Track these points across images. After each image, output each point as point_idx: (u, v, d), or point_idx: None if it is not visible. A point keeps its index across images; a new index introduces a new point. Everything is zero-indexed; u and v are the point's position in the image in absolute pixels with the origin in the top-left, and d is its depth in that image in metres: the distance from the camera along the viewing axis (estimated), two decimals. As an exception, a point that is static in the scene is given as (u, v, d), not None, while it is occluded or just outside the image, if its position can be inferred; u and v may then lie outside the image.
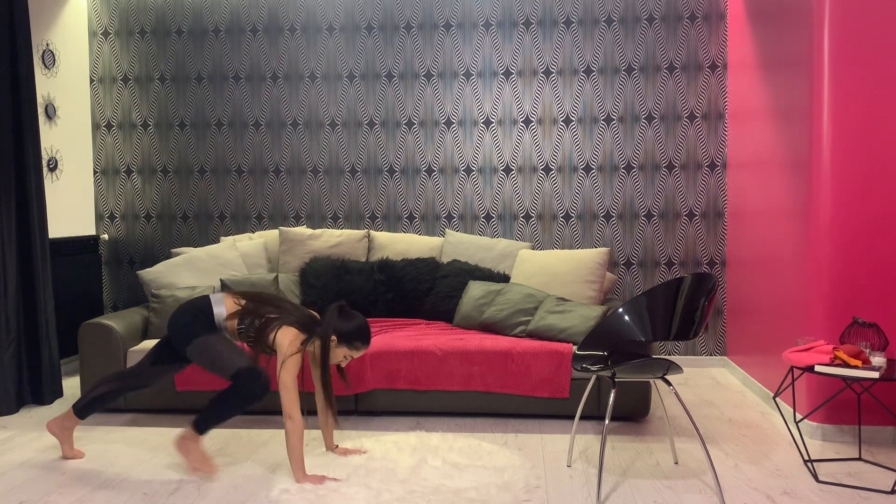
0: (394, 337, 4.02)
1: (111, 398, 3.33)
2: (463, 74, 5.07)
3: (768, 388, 4.15)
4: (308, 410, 3.96)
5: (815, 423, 3.55)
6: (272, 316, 3.16)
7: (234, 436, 3.66)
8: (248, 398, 3.06)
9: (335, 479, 2.99)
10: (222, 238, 4.80)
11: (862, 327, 3.26)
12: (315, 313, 3.26)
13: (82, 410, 3.33)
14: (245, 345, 3.27)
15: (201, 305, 3.22)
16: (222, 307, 3.21)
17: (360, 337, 3.16)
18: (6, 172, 4.09)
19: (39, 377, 4.21)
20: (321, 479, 2.98)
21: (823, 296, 3.52)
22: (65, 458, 3.35)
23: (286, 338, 3.07)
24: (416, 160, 5.13)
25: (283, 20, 5.16)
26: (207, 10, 5.20)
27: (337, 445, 3.38)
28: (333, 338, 3.12)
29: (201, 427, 3.08)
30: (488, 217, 5.10)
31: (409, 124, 5.12)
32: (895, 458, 3.30)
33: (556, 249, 5.06)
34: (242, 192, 5.25)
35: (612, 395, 2.89)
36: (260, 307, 3.21)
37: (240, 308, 3.21)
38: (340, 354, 3.16)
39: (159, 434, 3.70)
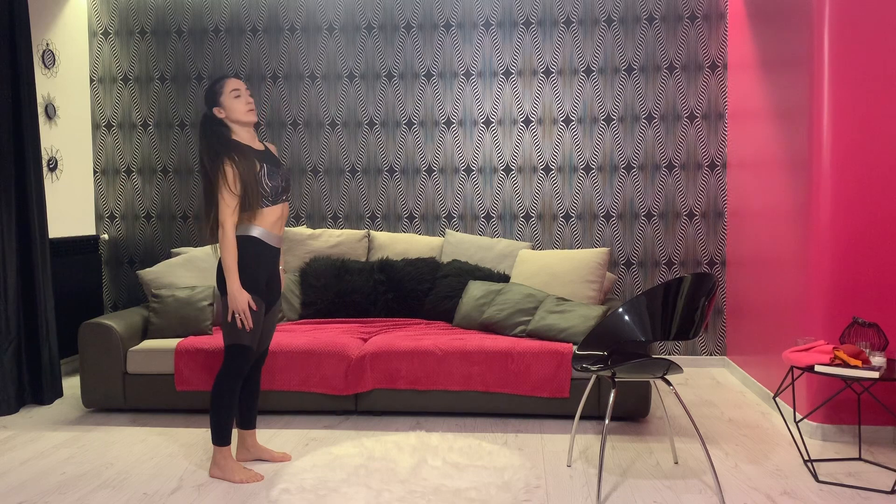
0: (394, 337, 4.02)
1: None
2: (463, 74, 5.07)
3: (768, 388, 4.15)
4: (302, 410, 3.97)
5: (815, 423, 3.55)
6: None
7: (234, 435, 3.66)
8: (235, 374, 3.03)
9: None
10: (222, 238, 4.79)
11: (862, 327, 3.26)
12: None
13: (244, 422, 3.30)
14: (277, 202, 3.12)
15: (251, 241, 3.03)
16: (256, 229, 3.04)
17: (216, 84, 3.09)
18: (6, 172, 4.09)
19: (39, 377, 4.21)
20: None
21: (823, 296, 3.52)
22: (275, 460, 3.31)
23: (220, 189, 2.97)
24: (416, 160, 5.13)
25: (283, 20, 5.16)
26: (207, 10, 5.20)
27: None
28: (217, 110, 3.07)
29: (216, 439, 3.07)
30: (488, 217, 5.10)
31: (409, 124, 5.11)
32: (895, 458, 3.30)
33: (556, 249, 5.06)
34: (242, 192, 5.24)
35: (612, 395, 2.89)
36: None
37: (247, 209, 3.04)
38: (234, 103, 3.07)
39: (159, 434, 3.70)
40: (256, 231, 3.04)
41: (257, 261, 3.05)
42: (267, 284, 3.11)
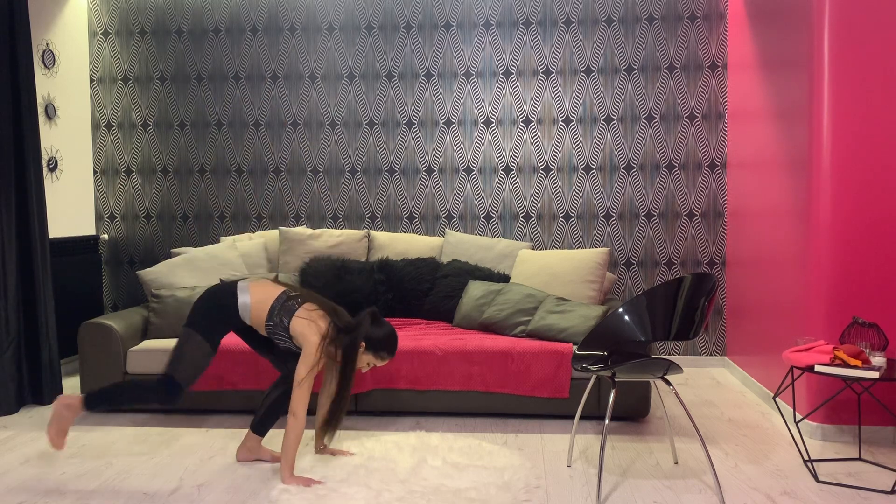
0: (394, 337, 4.02)
1: (281, 402, 3.31)
2: (463, 74, 5.07)
3: (768, 388, 4.15)
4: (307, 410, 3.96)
5: (815, 423, 3.55)
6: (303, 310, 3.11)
7: (234, 436, 3.66)
8: (155, 398, 3.03)
9: (320, 482, 2.98)
10: (222, 238, 4.80)
11: (862, 327, 3.26)
12: (347, 313, 3.21)
13: (260, 426, 3.31)
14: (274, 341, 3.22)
15: (228, 289, 3.11)
16: (247, 296, 3.09)
17: (387, 346, 3.14)
18: (6, 172, 4.09)
19: (39, 377, 4.21)
20: (308, 482, 2.97)
21: (823, 296, 3.52)
22: (273, 460, 3.31)
23: (311, 331, 3.02)
24: (416, 160, 5.13)
25: (283, 20, 5.16)
26: (207, 10, 5.20)
27: (325, 446, 3.36)
28: (362, 343, 3.09)
29: (93, 404, 3.04)
30: (488, 217, 5.10)
31: (409, 124, 5.12)
32: (895, 458, 3.30)
33: (556, 249, 5.06)
34: (242, 192, 5.25)
35: (612, 395, 2.89)
36: (290, 303, 3.11)
37: (270, 302, 3.10)
38: (364, 361, 3.14)
39: (159, 434, 3.70)
40: (244, 298, 3.09)
41: (228, 314, 3.09)
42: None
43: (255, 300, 3.10)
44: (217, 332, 3.09)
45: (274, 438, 3.60)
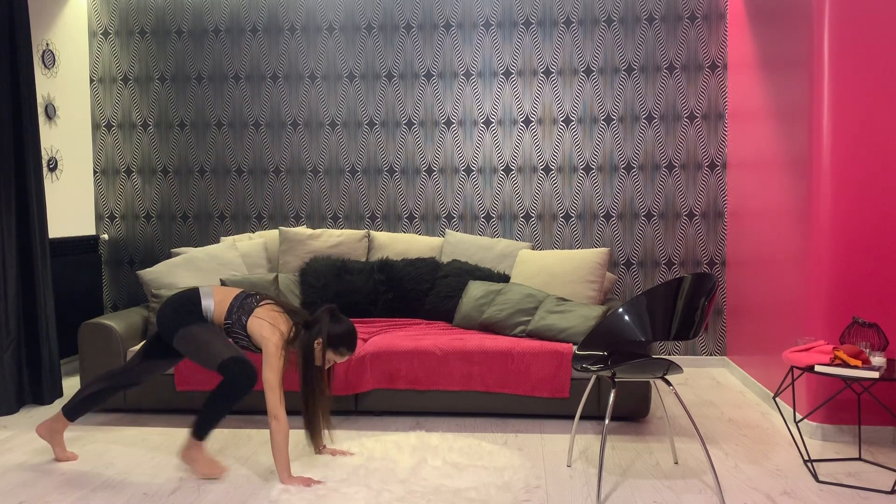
0: (394, 337, 4.02)
1: (102, 398, 3.29)
2: (463, 74, 5.07)
3: (768, 388, 4.15)
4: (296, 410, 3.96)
5: (815, 423, 3.55)
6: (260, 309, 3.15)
7: (234, 436, 3.66)
8: (236, 390, 3.04)
9: (319, 482, 2.98)
10: (222, 238, 4.80)
11: (862, 327, 3.26)
12: (307, 312, 3.24)
13: (72, 411, 3.29)
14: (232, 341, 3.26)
15: (190, 297, 3.20)
16: (210, 300, 3.19)
17: (346, 342, 3.12)
18: (6, 172, 4.09)
19: (39, 377, 4.21)
20: (307, 482, 2.97)
21: (823, 296, 3.52)
22: (57, 460, 3.32)
23: (270, 332, 3.04)
24: (416, 160, 5.13)
25: (283, 20, 5.16)
26: (207, 10, 5.20)
27: (324, 446, 3.35)
28: (319, 340, 3.09)
29: (200, 434, 3.08)
30: (488, 217, 5.10)
31: (409, 124, 5.12)
32: (895, 458, 3.30)
33: (556, 249, 5.06)
34: (242, 192, 5.25)
35: (612, 395, 2.89)
36: (248, 300, 3.18)
37: (229, 301, 3.18)
38: (323, 357, 3.11)
39: (159, 434, 3.70)
40: (207, 302, 3.18)
41: (196, 308, 3.19)
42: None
43: (217, 300, 3.19)
44: (200, 319, 3.18)
45: (266, 444, 3.60)
